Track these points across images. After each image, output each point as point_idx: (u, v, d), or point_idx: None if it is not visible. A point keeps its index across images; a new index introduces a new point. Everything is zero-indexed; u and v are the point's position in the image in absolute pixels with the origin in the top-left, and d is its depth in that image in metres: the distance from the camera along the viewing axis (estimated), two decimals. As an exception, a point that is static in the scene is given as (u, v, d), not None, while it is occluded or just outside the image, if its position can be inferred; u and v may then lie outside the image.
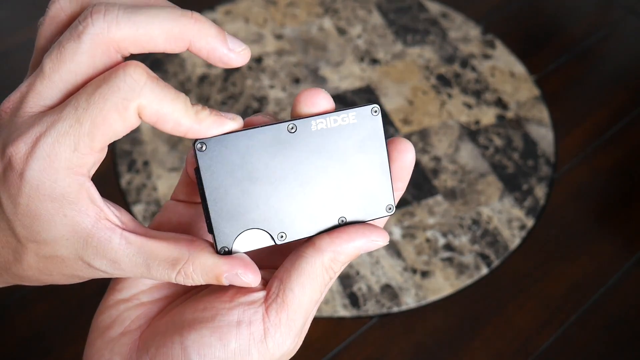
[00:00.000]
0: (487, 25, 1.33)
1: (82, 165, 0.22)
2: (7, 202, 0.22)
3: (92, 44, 0.22)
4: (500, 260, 0.99)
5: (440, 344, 0.90)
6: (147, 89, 0.22)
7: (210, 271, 0.24)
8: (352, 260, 0.26)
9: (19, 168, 0.22)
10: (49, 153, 0.22)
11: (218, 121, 0.24)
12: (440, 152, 1.11)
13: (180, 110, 0.23)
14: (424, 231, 1.01)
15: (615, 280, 0.98)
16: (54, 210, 0.22)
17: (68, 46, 0.22)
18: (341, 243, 0.25)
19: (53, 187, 0.22)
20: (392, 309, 0.92)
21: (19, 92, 0.23)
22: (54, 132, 0.22)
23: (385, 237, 0.26)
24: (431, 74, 1.23)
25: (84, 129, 0.21)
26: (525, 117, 1.17)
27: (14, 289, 0.91)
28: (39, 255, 0.23)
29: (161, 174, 1.05)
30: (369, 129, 0.26)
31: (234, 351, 0.23)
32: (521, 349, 0.90)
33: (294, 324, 0.24)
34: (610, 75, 1.26)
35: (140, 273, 0.24)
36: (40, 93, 0.23)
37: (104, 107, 0.21)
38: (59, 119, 0.22)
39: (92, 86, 0.22)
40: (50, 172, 0.22)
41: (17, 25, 1.28)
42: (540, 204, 1.05)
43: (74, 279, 0.25)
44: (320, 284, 0.24)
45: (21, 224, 0.23)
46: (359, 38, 1.29)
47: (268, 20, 1.31)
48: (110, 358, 0.25)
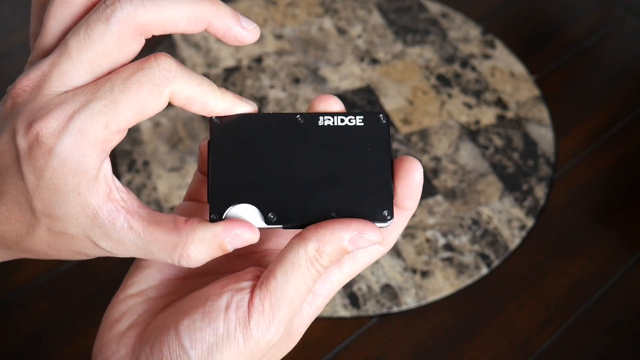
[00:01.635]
0: (487, 25, 1.33)
1: (108, 142, 0.23)
2: (31, 176, 0.23)
3: (120, 26, 0.23)
4: (500, 260, 0.99)
5: (440, 344, 0.90)
6: (178, 75, 0.24)
7: (212, 242, 0.24)
8: (340, 256, 0.25)
9: (49, 143, 0.23)
10: (82, 129, 0.23)
11: (239, 102, 0.26)
12: (440, 152, 1.11)
13: (208, 92, 0.25)
14: (424, 231, 1.01)
15: (615, 280, 0.98)
16: (72, 187, 0.23)
17: (96, 28, 0.23)
18: (325, 233, 0.24)
19: (79, 162, 0.23)
20: (392, 309, 0.92)
21: (40, 70, 0.24)
22: (89, 110, 0.23)
23: (377, 233, 0.25)
24: (431, 74, 1.23)
25: (118, 109, 0.23)
26: (525, 117, 1.17)
27: (14, 288, 0.91)
28: (51, 230, 0.24)
29: (161, 174, 1.05)
30: (375, 134, 0.26)
31: (222, 335, 0.24)
32: (521, 349, 0.90)
33: (277, 311, 0.24)
34: (610, 75, 1.26)
35: (144, 254, 0.25)
36: (67, 72, 0.24)
37: (140, 91, 0.23)
38: (95, 98, 0.23)
39: (127, 72, 0.23)
40: (79, 147, 0.23)
41: (18, 25, 1.28)
42: (540, 204, 1.05)
43: (80, 256, 0.26)
44: (304, 275, 0.24)
45: (40, 198, 0.23)
46: (359, 38, 1.29)
47: (268, 20, 1.31)
48: (117, 350, 0.26)
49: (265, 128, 0.26)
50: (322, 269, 0.25)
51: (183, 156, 1.08)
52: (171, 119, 1.13)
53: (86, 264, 0.94)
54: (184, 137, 1.10)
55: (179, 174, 1.05)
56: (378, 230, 0.25)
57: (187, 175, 1.05)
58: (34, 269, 0.93)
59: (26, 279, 0.92)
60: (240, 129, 0.26)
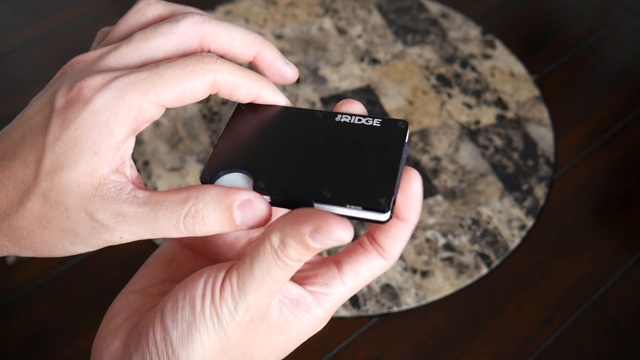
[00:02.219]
0: (487, 25, 1.33)
1: (144, 112, 0.24)
2: (56, 128, 0.23)
3: (185, 28, 0.26)
4: (500, 260, 0.99)
5: (440, 344, 0.90)
6: (220, 62, 0.26)
7: (222, 200, 0.24)
8: (309, 251, 0.23)
9: (89, 95, 0.24)
10: (122, 89, 0.24)
11: (278, 92, 0.28)
12: (440, 152, 1.11)
13: (252, 77, 0.27)
14: (424, 231, 1.01)
15: (615, 280, 0.98)
16: (91, 143, 0.23)
17: (164, 26, 0.26)
18: (287, 224, 0.23)
19: (109, 118, 0.24)
20: (392, 309, 0.93)
21: (100, 51, 0.26)
22: (133, 76, 0.24)
23: (345, 229, 0.22)
24: (431, 74, 1.23)
25: (161, 81, 0.24)
26: (525, 117, 1.17)
27: (14, 288, 0.91)
28: (46, 198, 0.24)
29: (161, 174, 1.05)
30: (390, 135, 0.26)
31: (198, 313, 0.24)
32: (521, 349, 0.90)
33: (243, 293, 0.23)
34: (610, 75, 1.26)
35: (146, 225, 0.24)
36: (123, 53, 0.26)
37: (184, 70, 0.25)
38: (139, 70, 0.25)
39: (172, 58, 0.26)
40: (115, 103, 0.24)
41: (18, 26, 1.28)
42: (540, 204, 1.05)
43: (67, 235, 0.25)
44: (269, 265, 0.23)
45: (53, 153, 0.23)
46: (359, 38, 1.29)
47: (268, 20, 1.31)
48: (111, 342, 0.26)
49: (284, 118, 0.27)
50: (291, 262, 0.23)
51: (183, 156, 1.08)
52: (171, 119, 1.13)
53: (86, 264, 0.94)
54: (184, 137, 1.10)
55: (179, 174, 1.05)
56: (345, 226, 0.22)
57: (187, 175, 1.05)
58: (34, 269, 0.93)
59: (26, 279, 0.92)
60: (261, 116, 0.27)
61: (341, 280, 0.27)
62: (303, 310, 0.26)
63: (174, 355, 0.24)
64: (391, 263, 0.27)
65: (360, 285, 0.27)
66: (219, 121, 1.12)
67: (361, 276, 0.27)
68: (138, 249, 0.95)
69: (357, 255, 0.27)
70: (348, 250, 0.28)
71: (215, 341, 0.24)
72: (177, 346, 0.24)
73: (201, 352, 0.24)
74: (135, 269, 0.93)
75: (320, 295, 0.26)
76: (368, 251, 0.27)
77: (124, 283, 0.29)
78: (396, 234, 0.27)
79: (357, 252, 0.27)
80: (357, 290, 0.27)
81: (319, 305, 0.26)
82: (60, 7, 1.32)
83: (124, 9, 1.33)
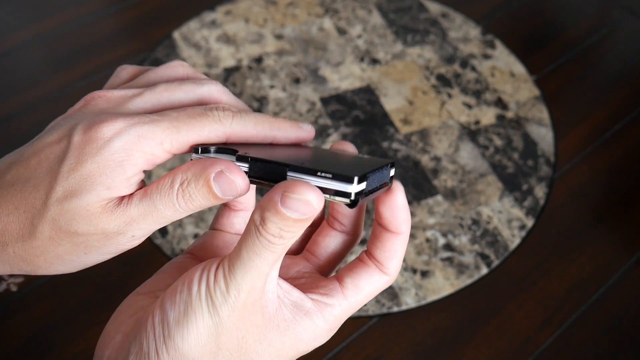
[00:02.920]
0: (487, 25, 1.33)
1: (156, 157, 0.26)
2: (72, 159, 0.25)
3: (208, 92, 0.29)
4: (500, 260, 0.99)
5: (440, 344, 0.90)
6: (235, 123, 0.27)
7: (199, 175, 0.26)
8: (285, 222, 0.23)
9: (108, 135, 0.25)
10: (141, 135, 0.25)
11: (295, 128, 0.29)
12: (440, 152, 1.11)
13: (265, 130, 0.28)
14: (424, 231, 1.01)
15: (615, 280, 0.98)
16: (105, 178, 0.25)
17: (189, 84, 0.29)
18: (263, 199, 0.23)
19: (123, 159, 0.25)
20: (392, 309, 0.92)
21: (125, 92, 0.28)
22: (153, 125, 0.26)
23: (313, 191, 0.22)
24: (431, 74, 1.23)
25: (177, 136, 0.26)
26: (525, 117, 1.17)
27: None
28: (55, 223, 0.25)
29: (161, 174, 1.05)
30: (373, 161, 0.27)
31: (195, 294, 0.24)
32: (521, 348, 0.90)
33: (233, 274, 0.24)
34: (610, 75, 1.26)
35: (151, 220, 0.26)
36: (145, 99, 0.28)
37: (202, 129, 0.27)
38: (161, 120, 0.26)
39: (193, 110, 0.27)
40: (132, 147, 0.25)
41: (17, 26, 1.28)
42: (540, 204, 1.05)
43: (79, 254, 0.27)
44: (254, 244, 0.23)
45: (66, 182, 0.25)
46: (359, 38, 1.29)
47: (268, 20, 1.31)
48: (114, 337, 0.26)
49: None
50: (272, 238, 0.23)
51: (183, 156, 1.08)
52: (171, 119, 1.13)
53: (86, 264, 0.94)
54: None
55: (179, 174, 1.05)
56: (312, 188, 0.23)
57: (187, 175, 1.05)
58: (34, 269, 0.93)
59: (26, 279, 0.92)
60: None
61: (342, 293, 0.27)
62: (302, 313, 0.26)
63: (170, 337, 0.24)
64: (391, 278, 0.28)
65: (362, 299, 0.28)
66: (219, 121, 1.12)
67: (362, 290, 0.27)
68: (138, 249, 0.95)
69: (357, 269, 0.28)
70: (349, 265, 0.28)
71: (209, 324, 0.24)
72: (172, 327, 0.24)
73: (196, 334, 0.24)
74: (135, 269, 0.93)
75: (321, 304, 0.27)
76: (368, 265, 0.28)
77: (124, 283, 0.29)
78: (390, 247, 0.27)
79: (357, 267, 0.28)
80: (359, 305, 0.28)
81: (319, 313, 0.26)
82: (60, 7, 1.32)
83: (124, 8, 1.33)
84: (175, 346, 0.24)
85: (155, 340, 0.25)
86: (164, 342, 0.24)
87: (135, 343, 0.25)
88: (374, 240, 0.28)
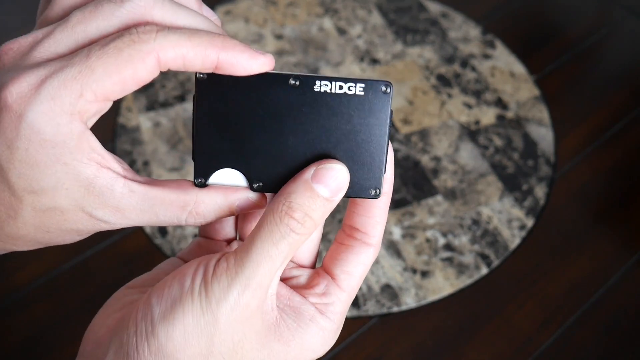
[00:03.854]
0: (487, 25, 1.33)
1: (85, 112, 0.22)
2: (2, 148, 0.22)
3: (131, 11, 0.22)
4: (500, 260, 0.99)
5: (440, 344, 0.90)
6: (160, 36, 0.22)
7: (222, 204, 0.25)
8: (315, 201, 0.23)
9: (19, 109, 0.21)
10: (54, 95, 0.21)
11: (249, 53, 0.23)
12: (440, 152, 1.11)
13: (203, 45, 0.22)
14: (424, 231, 1.01)
15: (615, 280, 0.98)
16: (55, 158, 0.22)
17: (107, 6, 0.22)
18: (288, 184, 0.23)
19: (54, 133, 0.21)
20: (392, 309, 0.92)
21: (32, 36, 0.23)
22: (62, 75, 0.21)
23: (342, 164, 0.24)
24: (431, 74, 1.23)
25: (94, 76, 0.21)
26: (525, 117, 1.17)
27: (14, 288, 0.91)
28: (37, 209, 0.23)
29: (161, 174, 1.05)
30: (374, 106, 0.24)
31: (187, 289, 0.22)
32: (521, 349, 0.90)
33: (240, 270, 0.22)
34: (610, 75, 1.26)
35: (147, 219, 0.24)
36: (57, 40, 0.22)
37: (119, 56, 0.21)
38: (69, 64, 0.21)
39: (106, 39, 0.22)
40: (52, 116, 0.21)
41: (18, 26, 1.28)
42: (540, 204, 1.05)
43: (72, 235, 0.24)
44: (272, 234, 0.23)
45: (17, 173, 0.22)
46: (359, 38, 1.29)
47: (268, 20, 1.31)
48: (98, 331, 0.25)
49: (257, 88, 0.24)
50: (296, 225, 0.23)
51: (183, 156, 1.08)
52: (171, 119, 1.13)
53: (86, 264, 0.94)
54: (184, 137, 1.10)
55: (179, 174, 1.05)
56: (343, 164, 0.24)
57: (187, 175, 1.05)
58: (34, 269, 0.93)
59: (26, 279, 0.92)
60: (228, 87, 0.24)
61: (337, 286, 0.26)
62: (307, 319, 0.25)
63: (153, 333, 0.22)
64: (377, 248, 0.27)
65: (357, 283, 0.26)
66: (219, 121, 1.12)
67: (353, 275, 0.26)
68: (138, 249, 0.95)
69: (342, 254, 0.26)
70: (331, 254, 0.27)
71: (200, 321, 0.22)
72: (157, 322, 0.22)
73: (182, 332, 0.22)
74: (136, 269, 0.93)
75: (322, 306, 0.25)
76: (351, 246, 0.26)
77: (124, 283, 0.28)
78: (374, 210, 0.26)
79: (341, 252, 0.27)
80: (355, 290, 0.26)
81: (323, 315, 0.25)
82: (60, 7, 1.32)
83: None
84: (159, 344, 0.22)
85: (136, 337, 0.22)
86: (146, 339, 0.22)
87: (115, 339, 0.23)
88: (354, 208, 0.26)
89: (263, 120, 0.24)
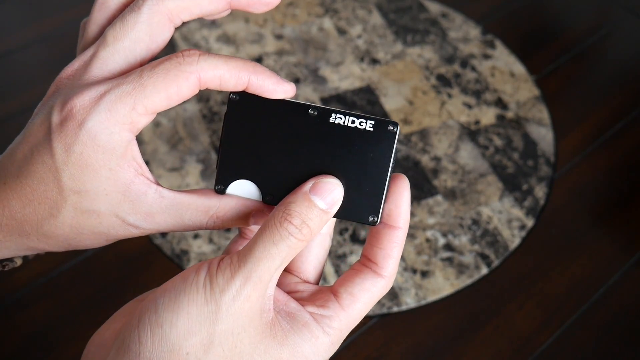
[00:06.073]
0: (487, 25, 1.33)
1: (135, 123, 0.25)
2: (61, 151, 0.25)
3: (150, 13, 0.26)
4: (500, 260, 0.99)
5: (440, 344, 0.90)
6: (202, 59, 0.25)
7: (241, 212, 0.28)
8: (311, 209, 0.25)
9: (80, 117, 0.25)
10: (110, 108, 0.25)
11: (274, 80, 0.27)
12: (440, 152, 1.11)
13: (237, 68, 0.26)
14: (424, 231, 1.01)
15: (615, 280, 0.98)
16: (103, 162, 0.25)
17: (129, 17, 0.26)
18: (289, 195, 0.26)
19: (107, 140, 0.25)
20: (392, 309, 0.93)
21: (82, 60, 0.27)
22: (118, 91, 0.25)
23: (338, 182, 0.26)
24: (431, 74, 1.23)
25: (145, 92, 0.25)
26: (525, 117, 1.17)
27: (14, 288, 0.91)
28: (77, 209, 0.26)
29: (161, 174, 1.05)
30: (381, 142, 0.27)
31: (191, 282, 0.24)
32: (521, 349, 0.90)
33: (243, 265, 0.24)
34: (610, 75, 1.26)
35: (173, 223, 0.27)
36: (105, 60, 0.26)
37: (167, 76, 0.25)
38: (124, 82, 0.25)
39: (155, 62, 0.26)
40: (108, 125, 0.25)
41: (17, 25, 1.28)
42: (540, 204, 1.05)
43: (101, 239, 0.27)
44: (272, 234, 0.25)
45: (69, 174, 0.25)
46: (359, 38, 1.29)
47: (268, 20, 1.31)
48: (104, 333, 0.26)
49: (279, 113, 0.27)
50: (294, 230, 0.25)
51: (183, 156, 1.08)
52: (171, 119, 1.13)
53: (86, 264, 0.94)
54: (184, 137, 1.10)
55: (179, 174, 1.05)
56: (339, 182, 0.27)
57: (187, 175, 1.05)
58: (34, 269, 0.93)
59: (26, 279, 0.92)
60: (256, 110, 0.28)
61: (338, 303, 0.27)
62: (300, 324, 0.26)
63: (157, 322, 0.23)
64: (388, 281, 0.27)
65: (360, 307, 0.27)
66: (218, 121, 1.12)
67: (357, 298, 0.27)
68: (138, 249, 0.95)
69: (350, 277, 0.27)
70: (342, 276, 0.28)
71: (204, 310, 0.23)
72: (161, 312, 0.23)
73: (186, 318, 0.23)
74: (136, 269, 0.93)
75: (318, 316, 0.26)
76: (361, 271, 0.27)
77: (124, 283, 0.29)
78: (387, 243, 0.27)
79: (350, 275, 0.28)
80: (359, 315, 0.27)
81: (318, 325, 0.26)
82: (61, 7, 1.32)
83: (124, 9, 1.33)
84: (162, 333, 0.23)
85: (138, 329, 0.23)
86: (149, 329, 0.23)
87: (119, 338, 0.24)
88: (370, 239, 0.28)
89: (281, 142, 0.28)
